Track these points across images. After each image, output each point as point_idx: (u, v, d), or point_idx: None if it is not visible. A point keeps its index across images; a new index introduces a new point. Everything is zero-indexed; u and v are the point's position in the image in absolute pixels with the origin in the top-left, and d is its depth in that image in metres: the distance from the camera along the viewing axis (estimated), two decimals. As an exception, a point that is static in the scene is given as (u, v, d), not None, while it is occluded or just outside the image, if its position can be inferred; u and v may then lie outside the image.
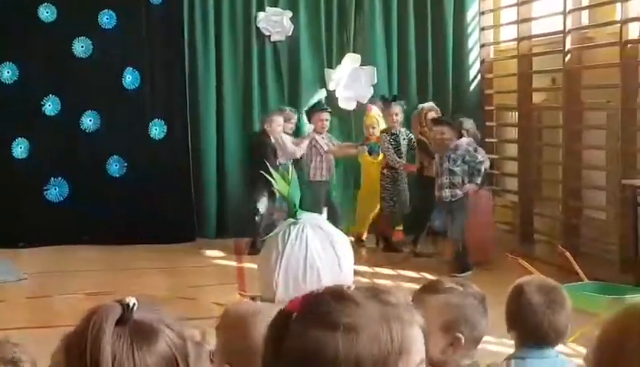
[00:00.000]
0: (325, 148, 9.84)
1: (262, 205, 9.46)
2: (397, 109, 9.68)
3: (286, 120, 9.91)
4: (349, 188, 10.64)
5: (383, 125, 9.84)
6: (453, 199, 8.64)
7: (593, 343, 1.67)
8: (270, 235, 7.12)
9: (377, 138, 9.84)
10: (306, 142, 9.77)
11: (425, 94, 10.84)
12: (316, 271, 6.75)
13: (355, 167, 10.44)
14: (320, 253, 6.80)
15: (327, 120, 9.96)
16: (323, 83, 10.76)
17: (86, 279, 8.47)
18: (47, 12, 10.31)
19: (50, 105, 10.35)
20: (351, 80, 10.67)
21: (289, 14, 10.65)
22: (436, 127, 8.99)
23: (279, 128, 9.65)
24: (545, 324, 2.96)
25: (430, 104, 10.10)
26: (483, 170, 8.73)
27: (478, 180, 8.70)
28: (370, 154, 9.97)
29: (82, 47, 10.38)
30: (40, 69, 10.21)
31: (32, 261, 9.25)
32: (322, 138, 9.90)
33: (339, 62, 10.76)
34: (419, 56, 10.95)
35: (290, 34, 10.67)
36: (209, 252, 9.82)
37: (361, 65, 10.75)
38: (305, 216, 7.16)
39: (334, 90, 10.70)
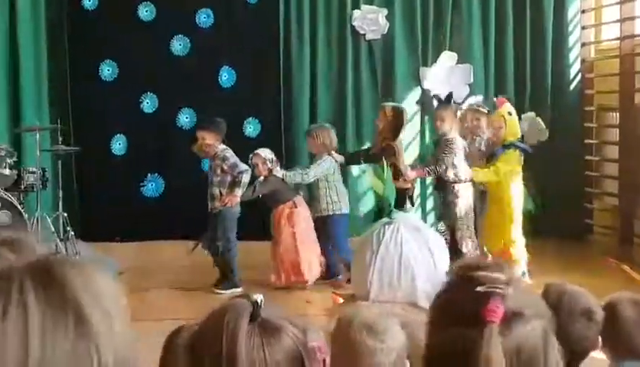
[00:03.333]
0: None
1: None
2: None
3: None
4: None
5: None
6: (214, 211, 8.15)
7: None
8: (364, 234, 7.10)
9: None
10: None
11: (523, 93, 10.63)
12: (410, 272, 6.70)
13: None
14: (415, 253, 6.74)
15: None
16: (418, 82, 10.67)
17: (181, 274, 8.57)
18: (147, 11, 10.49)
19: (148, 103, 10.53)
20: (446, 78, 10.54)
21: (385, 12, 10.58)
22: (198, 132, 8.26)
23: None
24: (638, 339, 2.91)
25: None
26: (245, 180, 7.99)
27: (239, 192, 8.01)
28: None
29: (180, 45, 10.54)
30: (139, 67, 10.37)
31: (128, 255, 9.41)
32: None
33: (435, 60, 10.64)
34: (517, 54, 10.74)
35: (385, 32, 10.61)
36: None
37: (457, 63, 10.61)
38: (400, 216, 7.10)
39: (429, 88, 10.59)
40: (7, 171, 8.83)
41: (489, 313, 1.44)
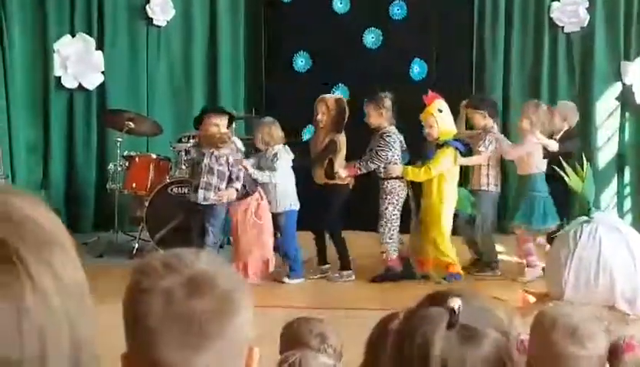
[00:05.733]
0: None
1: None
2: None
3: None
4: None
5: None
6: (205, 203, 7.54)
7: None
8: (561, 232, 6.84)
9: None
10: None
11: None
12: (609, 273, 6.41)
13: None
14: (614, 254, 6.44)
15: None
16: (618, 77, 10.21)
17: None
18: (341, 4, 10.59)
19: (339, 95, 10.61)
20: (651, 73, 10.04)
21: (586, 4, 10.19)
22: (211, 118, 7.64)
23: None
24: None
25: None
26: (242, 176, 7.66)
27: (237, 186, 7.63)
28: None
29: (372, 37, 10.57)
30: (332, 59, 10.47)
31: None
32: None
33: (638, 54, 10.14)
34: None
35: (585, 24, 10.22)
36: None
37: (663, 58, 10.09)
38: (599, 215, 6.82)
39: (631, 84, 10.11)
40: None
41: None
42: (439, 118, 7.99)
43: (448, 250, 7.94)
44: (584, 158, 7.25)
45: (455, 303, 1.56)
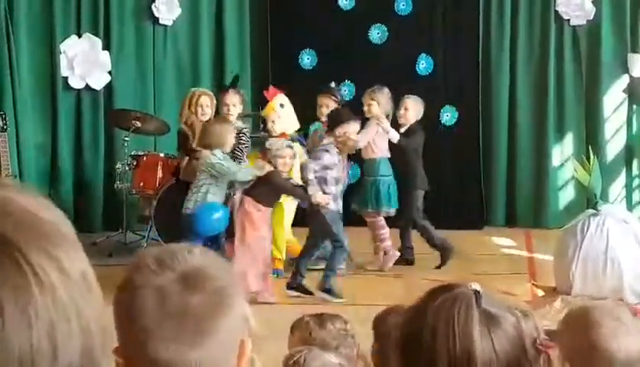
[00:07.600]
0: None
1: None
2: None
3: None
4: None
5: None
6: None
7: None
8: (568, 225, 6.84)
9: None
10: None
11: None
12: (617, 265, 6.41)
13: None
14: (622, 247, 6.44)
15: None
16: (625, 69, 10.17)
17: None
18: (346, 0, 10.58)
19: (346, 91, 10.61)
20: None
21: (591, -4, 10.18)
22: (350, 125, 7.41)
23: None
24: None
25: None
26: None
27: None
28: None
29: (377, 33, 10.57)
30: (338, 56, 10.48)
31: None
32: None
33: (645, 46, 10.13)
34: None
35: (591, 17, 10.18)
36: (497, 241, 9.63)
37: (670, 50, 10.04)
38: (606, 208, 6.81)
39: (638, 76, 10.08)
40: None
41: None
42: (281, 112, 8.02)
43: (280, 244, 7.86)
44: (591, 151, 7.25)
45: (477, 285, 1.59)
